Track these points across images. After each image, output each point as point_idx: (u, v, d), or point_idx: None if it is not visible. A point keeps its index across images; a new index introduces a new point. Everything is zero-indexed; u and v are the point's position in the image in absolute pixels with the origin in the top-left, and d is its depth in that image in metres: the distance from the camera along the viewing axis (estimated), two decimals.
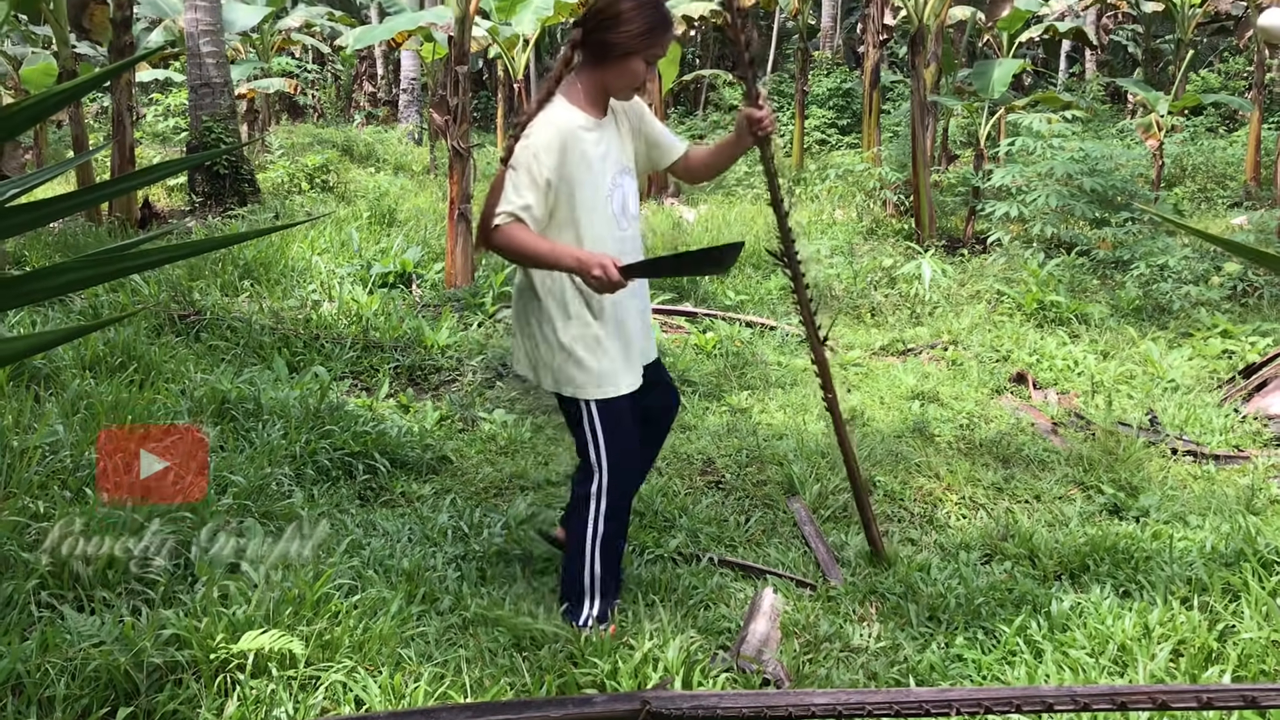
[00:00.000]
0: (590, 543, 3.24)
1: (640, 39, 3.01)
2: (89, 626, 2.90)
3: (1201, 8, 14.51)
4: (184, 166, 2.35)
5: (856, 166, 12.67)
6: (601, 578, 3.28)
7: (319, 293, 7.47)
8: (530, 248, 3.00)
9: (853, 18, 27.40)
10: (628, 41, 3.01)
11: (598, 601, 3.29)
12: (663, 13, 3.05)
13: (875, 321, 7.98)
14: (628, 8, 3.00)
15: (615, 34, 3.01)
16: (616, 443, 3.20)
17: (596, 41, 3.04)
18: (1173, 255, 8.32)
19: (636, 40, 3.01)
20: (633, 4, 3.00)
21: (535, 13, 10.61)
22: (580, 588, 3.29)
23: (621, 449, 3.22)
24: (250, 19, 14.21)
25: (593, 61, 3.08)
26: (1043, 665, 3.13)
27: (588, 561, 3.25)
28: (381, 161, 16.53)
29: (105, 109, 19.47)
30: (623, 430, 3.22)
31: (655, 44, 3.05)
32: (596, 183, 3.12)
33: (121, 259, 2.29)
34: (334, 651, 2.94)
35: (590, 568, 3.26)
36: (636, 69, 3.07)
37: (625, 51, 3.03)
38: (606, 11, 3.02)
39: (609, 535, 3.26)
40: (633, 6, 3.00)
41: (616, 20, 3.00)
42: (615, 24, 3.00)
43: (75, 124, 10.88)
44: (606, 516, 3.23)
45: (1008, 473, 4.92)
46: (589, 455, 3.21)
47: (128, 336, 5.45)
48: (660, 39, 3.05)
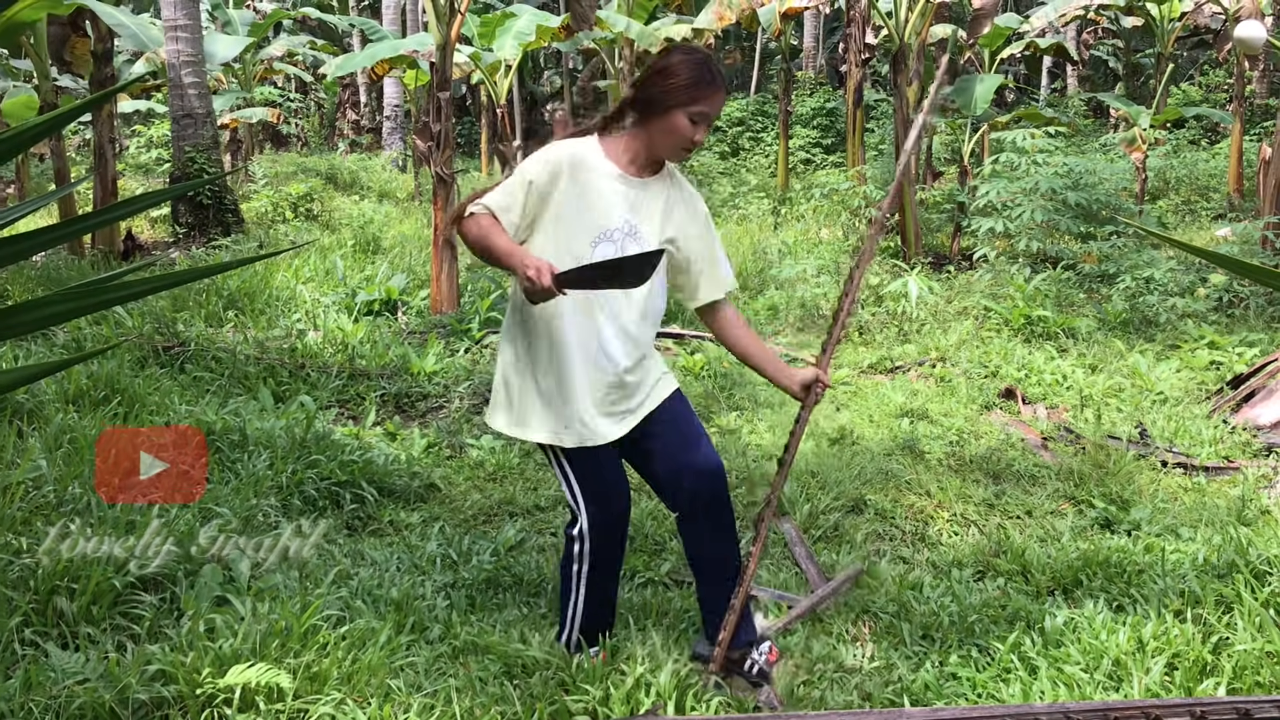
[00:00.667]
0: (575, 581, 3.20)
1: (684, 91, 2.94)
2: (73, 663, 2.86)
3: (1180, 22, 14.63)
4: (167, 197, 2.33)
5: (841, 185, 12.70)
6: (584, 614, 3.22)
7: (304, 322, 7.45)
8: (488, 240, 2.90)
9: (835, 38, 27.53)
10: (671, 94, 2.95)
11: (576, 632, 3.24)
12: (711, 70, 2.99)
13: (863, 340, 7.98)
14: (674, 61, 2.98)
15: (658, 85, 2.97)
16: (592, 489, 3.12)
17: (644, 97, 3.00)
18: (1158, 268, 8.35)
19: (681, 92, 2.94)
20: (679, 58, 2.98)
21: (517, 38, 10.65)
22: (564, 617, 3.27)
23: (600, 495, 3.13)
24: (232, 50, 14.20)
25: (639, 118, 3.03)
26: (1037, 681, 3.11)
27: (573, 597, 3.22)
28: (366, 189, 16.52)
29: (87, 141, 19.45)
30: (601, 476, 3.12)
31: (700, 99, 2.96)
32: (585, 222, 2.99)
33: (104, 291, 2.27)
34: (322, 684, 2.90)
35: (574, 603, 3.22)
36: (680, 124, 2.97)
37: (669, 105, 2.95)
38: (654, 67, 3.02)
39: (593, 578, 3.19)
40: (679, 60, 2.98)
41: (661, 72, 2.98)
42: (659, 76, 2.98)
43: (57, 157, 10.84)
44: (590, 559, 3.16)
45: (998, 488, 4.91)
46: (567, 501, 3.16)
47: (111, 369, 5.41)
48: (706, 94, 2.96)
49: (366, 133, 25.11)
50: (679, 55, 2.99)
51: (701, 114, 2.97)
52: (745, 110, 23.14)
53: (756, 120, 22.93)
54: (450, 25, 8.06)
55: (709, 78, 2.96)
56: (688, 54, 3.00)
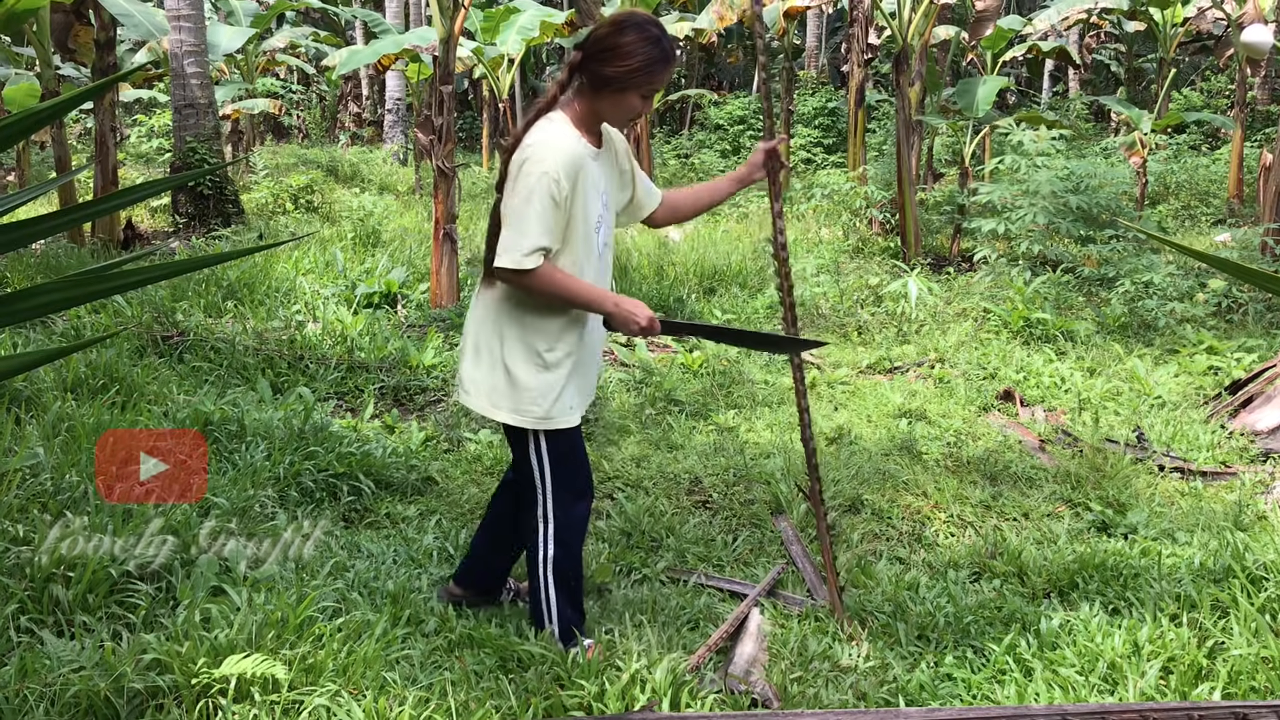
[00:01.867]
0: (543, 569, 3.23)
1: (638, 74, 2.95)
2: (68, 651, 2.86)
3: (1183, 27, 14.64)
4: (167, 186, 2.33)
5: (842, 185, 12.69)
6: (558, 603, 3.25)
7: (303, 313, 7.44)
8: (568, 291, 2.98)
9: (837, 37, 27.51)
10: (625, 76, 2.94)
11: (556, 625, 3.26)
12: (663, 48, 2.98)
13: (862, 340, 7.97)
14: (628, 40, 2.93)
15: (613, 66, 2.94)
16: (563, 471, 3.17)
17: (594, 71, 2.97)
18: (1157, 272, 8.35)
19: (634, 75, 2.94)
20: (634, 37, 2.94)
21: (520, 33, 10.64)
22: (540, 612, 3.28)
23: (568, 476, 3.19)
24: (235, 41, 14.20)
25: (589, 89, 3.00)
26: (1032, 684, 3.12)
27: (542, 587, 3.24)
28: (366, 182, 16.50)
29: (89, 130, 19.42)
30: (573, 459, 3.20)
31: (653, 79, 2.98)
32: (589, 213, 3.05)
33: (103, 279, 2.27)
34: (317, 675, 2.90)
35: (546, 592, 3.24)
36: (632, 103, 3.01)
37: (621, 86, 2.96)
38: (606, 42, 2.95)
39: (560, 563, 3.23)
40: (633, 40, 2.93)
41: (615, 52, 2.93)
42: (614, 56, 2.93)
43: (58, 145, 10.82)
44: (556, 542, 3.20)
45: (995, 490, 4.91)
46: (534, 483, 3.18)
47: (110, 358, 5.41)
48: (659, 75, 2.98)
49: (368, 125, 25.08)
50: (634, 34, 2.94)
51: (653, 91, 3.02)
52: (747, 109, 23.13)
53: (758, 119, 22.90)
54: (453, 19, 8.05)
55: (663, 56, 2.97)
56: (642, 32, 2.95)
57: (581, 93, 3.03)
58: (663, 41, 2.97)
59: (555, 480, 3.17)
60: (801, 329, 8.23)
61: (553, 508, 3.18)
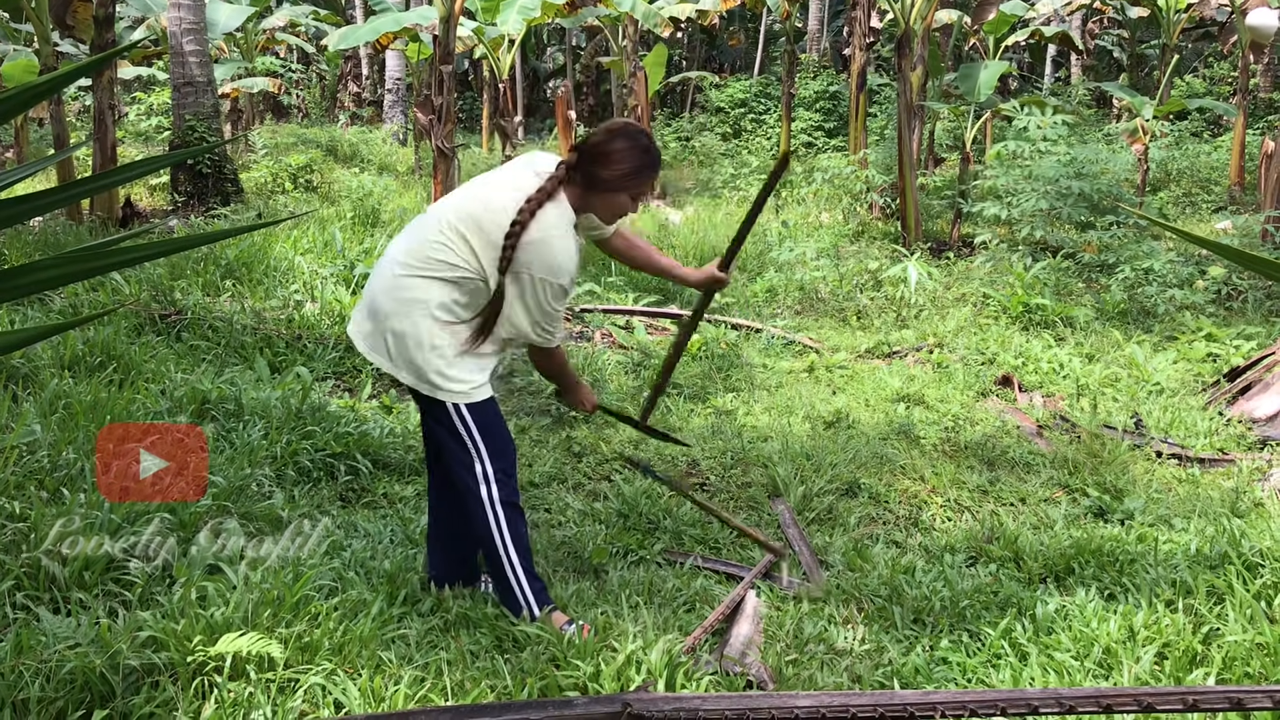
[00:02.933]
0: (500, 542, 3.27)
1: (627, 179, 3.19)
2: (65, 628, 2.86)
3: (1186, 13, 14.59)
4: (165, 164, 2.32)
5: (843, 169, 12.67)
6: (528, 576, 3.31)
7: (301, 293, 7.42)
8: (564, 370, 3.55)
9: (839, 21, 27.42)
10: (615, 180, 3.18)
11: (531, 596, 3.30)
12: (651, 156, 3.22)
13: (861, 324, 7.97)
14: (618, 149, 3.16)
15: (605, 170, 3.16)
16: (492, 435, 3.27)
17: (588, 171, 3.18)
18: (1157, 259, 8.34)
19: (623, 180, 3.19)
20: (624, 145, 3.17)
21: (520, 13, 10.59)
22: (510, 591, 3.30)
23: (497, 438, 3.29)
24: (234, 19, 14.13)
25: (583, 186, 3.21)
26: (1028, 668, 3.12)
27: (505, 560, 3.27)
28: (366, 162, 16.46)
29: (87, 107, 19.34)
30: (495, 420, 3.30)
31: (641, 184, 3.24)
32: None
33: (101, 256, 2.26)
34: (313, 654, 2.91)
35: (513, 571, 3.28)
36: (622, 203, 3.27)
37: (611, 187, 3.20)
38: (599, 148, 3.17)
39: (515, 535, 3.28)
40: (623, 149, 3.17)
41: (607, 159, 3.16)
42: (606, 161, 3.16)
43: (57, 122, 10.79)
44: (506, 515, 3.27)
45: (993, 475, 4.91)
46: (467, 450, 3.24)
47: (107, 335, 5.40)
48: (646, 180, 3.25)
49: (367, 105, 25.00)
50: (622, 142, 3.17)
51: (640, 193, 3.28)
52: (748, 92, 23.07)
53: (759, 102, 22.87)
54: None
55: (650, 164, 3.22)
56: (630, 140, 3.18)
57: (577, 186, 3.22)
58: (650, 151, 3.23)
59: (487, 446, 3.25)
60: (800, 314, 8.24)
61: (493, 474, 3.24)
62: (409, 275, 3.16)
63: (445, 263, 3.12)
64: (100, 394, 4.63)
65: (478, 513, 3.26)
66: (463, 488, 3.28)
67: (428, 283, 3.14)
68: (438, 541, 3.58)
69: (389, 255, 3.27)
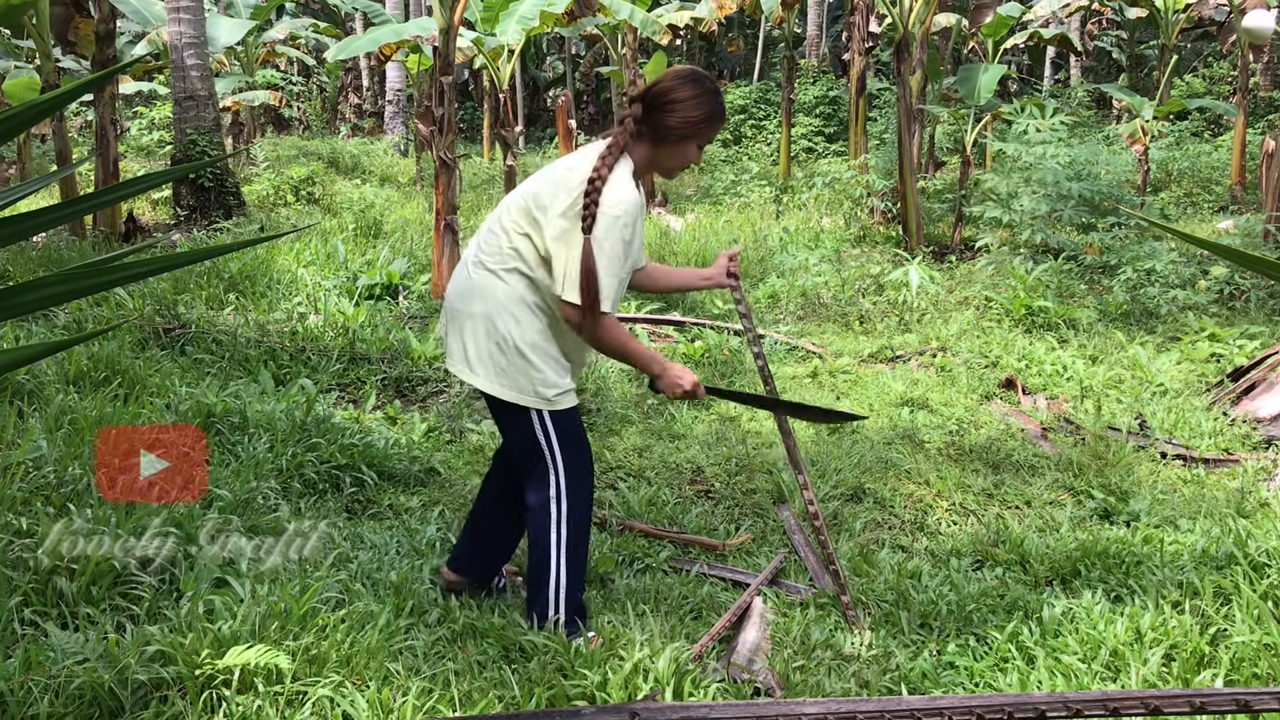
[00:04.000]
0: (556, 551, 3.22)
1: (699, 125, 3.14)
2: (73, 643, 2.86)
3: (1185, 13, 14.59)
4: (168, 179, 2.34)
5: (844, 174, 12.68)
6: (569, 587, 3.25)
7: (305, 305, 7.44)
8: (628, 348, 3.20)
9: (838, 26, 27.47)
10: (686, 127, 3.12)
11: (564, 610, 3.25)
12: (720, 102, 3.18)
13: (864, 329, 7.97)
14: (689, 95, 3.10)
15: (676, 117, 3.10)
16: (571, 447, 3.22)
17: (656, 122, 3.12)
18: (1159, 260, 8.34)
19: (695, 127, 3.13)
20: (694, 91, 3.11)
21: (519, 23, 10.61)
22: (544, 599, 3.26)
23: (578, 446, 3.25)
24: (234, 34, 14.17)
25: (650, 138, 3.15)
26: (1035, 671, 3.12)
27: (554, 571, 3.23)
28: (367, 173, 16.50)
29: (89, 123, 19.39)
30: (577, 433, 3.26)
31: (711, 131, 3.19)
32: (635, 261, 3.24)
33: (105, 273, 2.26)
34: (321, 666, 2.91)
35: (557, 576, 3.23)
36: (690, 152, 3.21)
37: (682, 135, 3.14)
38: (668, 95, 3.11)
39: (573, 551, 3.24)
40: (695, 94, 3.11)
41: (677, 104, 3.10)
42: (675, 108, 3.10)
43: (59, 138, 10.82)
44: (570, 527, 3.22)
45: (998, 478, 4.91)
46: (544, 461, 3.20)
47: (111, 350, 5.41)
48: (716, 127, 3.20)
49: (368, 117, 25.06)
50: (692, 88, 3.11)
51: (708, 141, 3.24)
52: (748, 98, 23.09)
53: (759, 108, 22.89)
54: (453, 9, 8.04)
55: (719, 109, 3.18)
56: (699, 85, 3.12)
57: (641, 141, 3.16)
58: (719, 95, 3.19)
59: (567, 455, 3.19)
60: (803, 319, 8.24)
61: (566, 488, 3.20)
62: (481, 271, 3.16)
63: (516, 250, 3.10)
64: (105, 409, 4.64)
65: (543, 524, 3.22)
66: (533, 497, 3.24)
67: (500, 278, 3.12)
68: (476, 538, 3.56)
69: (464, 257, 3.28)
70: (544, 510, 3.21)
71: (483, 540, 3.57)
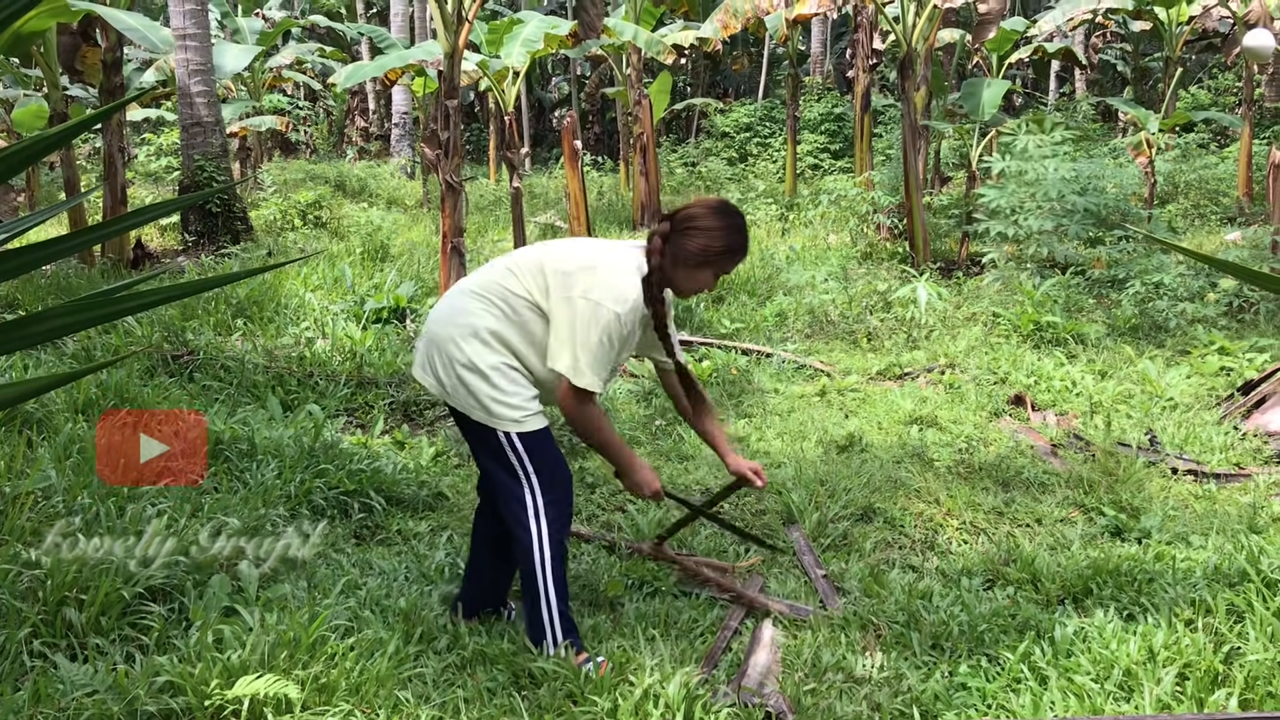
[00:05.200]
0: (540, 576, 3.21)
1: (718, 256, 3.22)
2: (82, 675, 2.86)
3: (1189, 25, 14.60)
4: (176, 207, 2.35)
5: (849, 191, 12.69)
6: (560, 610, 3.24)
7: (312, 330, 7.45)
8: (607, 439, 3.28)
9: (842, 43, 27.54)
10: (704, 254, 3.20)
11: (560, 632, 3.24)
12: (742, 237, 3.25)
13: (871, 346, 7.96)
14: (713, 225, 3.19)
15: (697, 244, 3.18)
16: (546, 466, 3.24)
17: (677, 244, 3.20)
18: (1168, 273, 8.31)
19: (714, 256, 3.21)
20: (719, 223, 3.20)
21: (524, 45, 10.66)
22: (543, 622, 3.25)
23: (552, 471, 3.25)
24: (241, 61, 14.22)
25: (671, 256, 3.22)
26: (1048, 692, 3.10)
27: (542, 595, 3.22)
28: (374, 196, 16.55)
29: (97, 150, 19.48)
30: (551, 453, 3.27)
31: (730, 263, 3.27)
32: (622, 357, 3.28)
33: (113, 302, 2.28)
34: (331, 694, 2.90)
35: (546, 600, 3.22)
36: (705, 278, 3.27)
37: (701, 262, 3.21)
38: (693, 221, 3.20)
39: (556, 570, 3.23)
40: (719, 226, 3.19)
41: (700, 232, 3.19)
42: (698, 235, 3.18)
43: (67, 166, 10.88)
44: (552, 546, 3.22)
45: (1008, 496, 4.89)
46: (518, 481, 3.20)
47: (120, 379, 5.43)
48: (737, 260, 3.29)
49: (375, 140, 25.18)
50: (718, 220, 3.20)
51: (725, 272, 3.31)
52: (753, 116, 23.15)
53: (764, 126, 22.95)
54: (458, 33, 8.07)
55: (740, 246, 3.26)
56: (726, 219, 3.21)
57: (664, 257, 3.24)
58: (743, 232, 3.26)
59: (541, 479, 3.21)
60: (810, 337, 8.23)
61: (544, 508, 3.21)
62: (468, 298, 3.22)
63: (508, 289, 3.18)
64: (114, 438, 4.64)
65: (525, 546, 3.22)
66: (511, 519, 3.25)
67: (485, 307, 3.18)
68: (476, 567, 3.58)
69: (456, 286, 3.33)
70: (524, 532, 3.21)
71: (479, 577, 3.58)
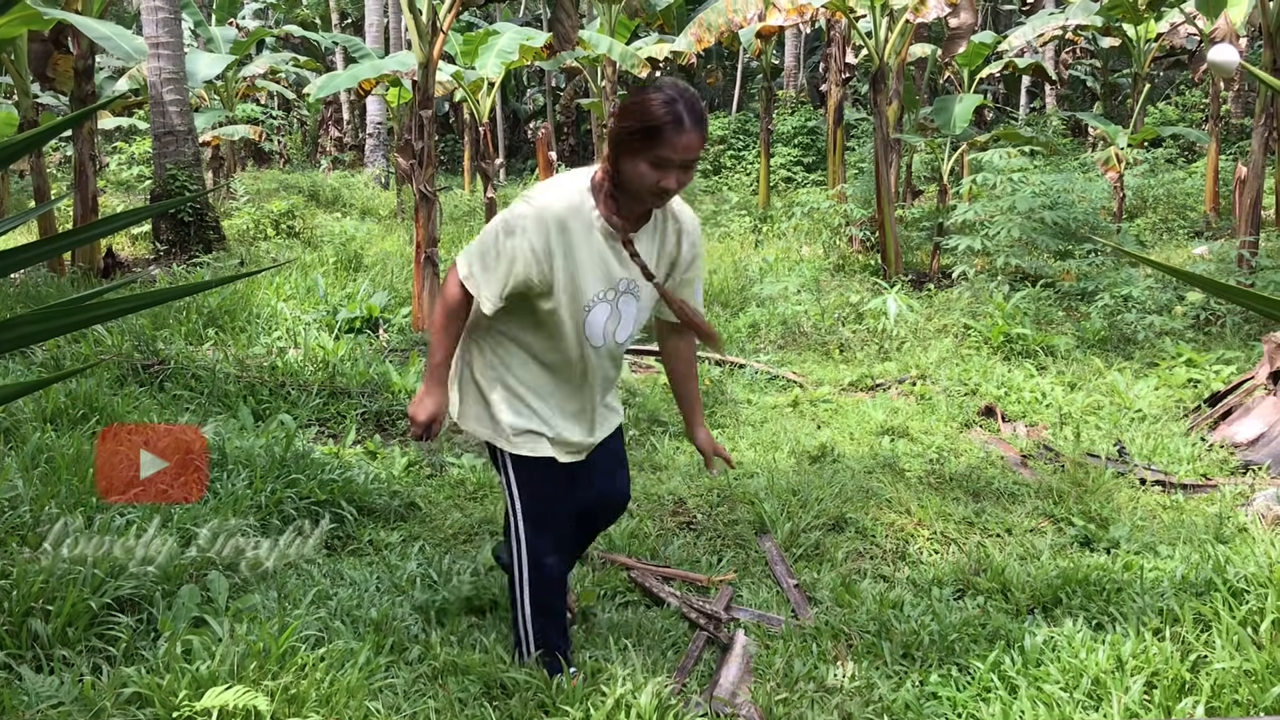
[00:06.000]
0: (518, 589, 3.15)
1: (637, 136, 2.66)
2: (47, 687, 2.83)
3: (1157, 42, 14.77)
4: (147, 215, 2.34)
5: (822, 203, 12.76)
6: (535, 626, 3.16)
7: (285, 340, 7.42)
8: (436, 338, 2.95)
9: (815, 57, 27.69)
10: (626, 135, 2.68)
11: (532, 650, 3.18)
12: (674, 110, 2.63)
13: (844, 357, 8.00)
14: (640, 100, 2.67)
15: (619, 123, 2.68)
16: (531, 495, 3.09)
17: (611, 138, 2.73)
18: (1136, 286, 8.40)
19: (634, 137, 2.66)
20: (646, 97, 2.66)
21: (499, 56, 10.66)
22: (518, 633, 3.22)
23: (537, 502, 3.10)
24: (214, 68, 14.17)
25: (610, 160, 2.76)
26: (1018, 701, 3.12)
27: (518, 607, 3.18)
28: (348, 206, 16.50)
29: (68, 158, 19.36)
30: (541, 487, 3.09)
31: (657, 143, 2.64)
32: (575, 290, 2.85)
33: (83, 310, 2.26)
34: (300, 706, 2.88)
35: (522, 613, 3.17)
36: (641, 170, 2.67)
37: (626, 148, 2.68)
38: (623, 103, 2.78)
39: (535, 589, 3.13)
40: (645, 100, 2.66)
41: (625, 111, 2.70)
42: (623, 114, 2.70)
43: (37, 174, 10.81)
44: (530, 569, 3.11)
45: (978, 506, 4.92)
46: (508, 497, 3.13)
47: (90, 388, 5.38)
48: (664, 139, 2.63)
49: (349, 150, 25.10)
50: (648, 94, 2.66)
51: (663, 159, 2.65)
52: (727, 128, 23.23)
53: (738, 138, 23.04)
54: (433, 44, 8.08)
55: (673, 119, 2.63)
56: (659, 93, 2.66)
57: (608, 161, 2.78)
58: (676, 104, 2.63)
59: (524, 506, 3.10)
60: (783, 348, 8.26)
61: (525, 531, 3.10)
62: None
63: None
64: (83, 447, 4.61)
65: (509, 559, 3.16)
66: (505, 530, 3.21)
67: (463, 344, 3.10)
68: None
69: None
70: (512, 546, 3.16)
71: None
